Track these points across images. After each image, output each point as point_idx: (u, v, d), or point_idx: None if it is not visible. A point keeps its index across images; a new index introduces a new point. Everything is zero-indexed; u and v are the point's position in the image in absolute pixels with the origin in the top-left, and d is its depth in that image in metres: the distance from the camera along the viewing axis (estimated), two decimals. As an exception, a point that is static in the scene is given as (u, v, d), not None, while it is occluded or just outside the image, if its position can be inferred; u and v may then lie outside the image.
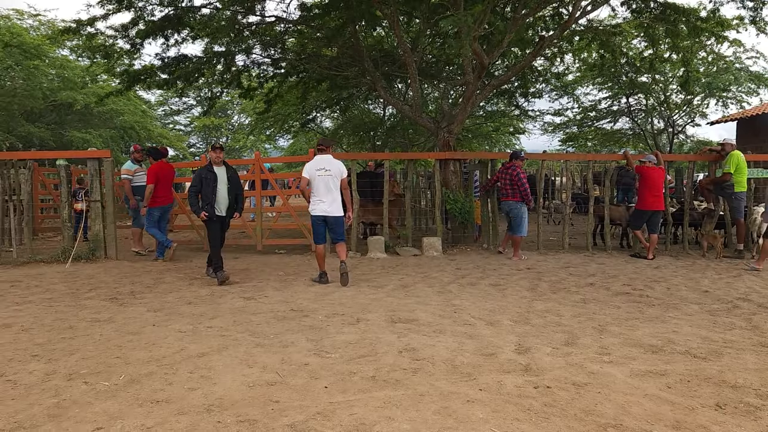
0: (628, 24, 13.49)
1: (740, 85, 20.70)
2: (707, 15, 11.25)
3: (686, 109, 23.37)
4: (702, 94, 21.21)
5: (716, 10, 11.03)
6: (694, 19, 11.18)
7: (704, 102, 22.49)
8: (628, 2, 11.32)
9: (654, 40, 12.31)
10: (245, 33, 12.28)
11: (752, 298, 6.72)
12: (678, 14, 11.02)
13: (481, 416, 3.37)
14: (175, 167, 15.73)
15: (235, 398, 3.63)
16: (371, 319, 5.66)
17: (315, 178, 7.49)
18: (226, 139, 42.03)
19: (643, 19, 11.78)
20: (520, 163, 10.17)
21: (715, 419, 3.35)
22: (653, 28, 11.81)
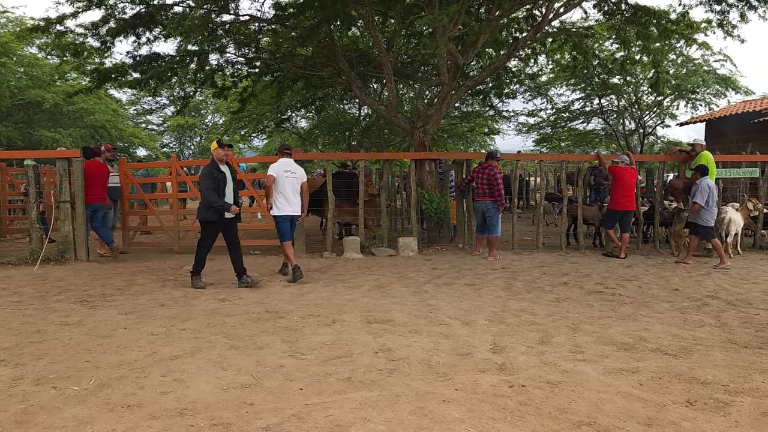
0: (600, 26, 13.69)
1: (708, 87, 21.13)
2: (677, 18, 11.46)
3: (657, 111, 23.79)
4: (672, 95, 21.61)
5: (686, 13, 11.25)
6: (664, 21, 11.38)
7: (674, 103, 22.92)
8: (600, 5, 11.48)
9: (625, 42, 12.50)
10: (219, 32, 12.15)
11: (721, 295, 6.86)
12: (649, 17, 11.20)
13: (456, 416, 3.38)
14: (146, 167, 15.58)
15: (208, 401, 3.58)
16: (347, 320, 5.64)
17: (282, 179, 7.87)
18: (200, 139, 41.58)
19: (614, 22, 11.95)
20: (497, 164, 10.22)
21: (685, 415, 3.41)
22: (624, 31, 11.99)
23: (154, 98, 32.38)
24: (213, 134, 38.60)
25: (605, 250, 10.58)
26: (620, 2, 11.29)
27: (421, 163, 11.24)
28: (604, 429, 3.23)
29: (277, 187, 7.86)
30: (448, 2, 10.09)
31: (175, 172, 10.78)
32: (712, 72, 20.74)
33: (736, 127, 18.20)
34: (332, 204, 10.63)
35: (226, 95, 14.79)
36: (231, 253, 7.51)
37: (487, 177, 9.95)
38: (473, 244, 10.68)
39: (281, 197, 7.88)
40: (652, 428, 3.24)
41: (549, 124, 26.02)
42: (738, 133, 18.00)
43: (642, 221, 11.28)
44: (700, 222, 9.27)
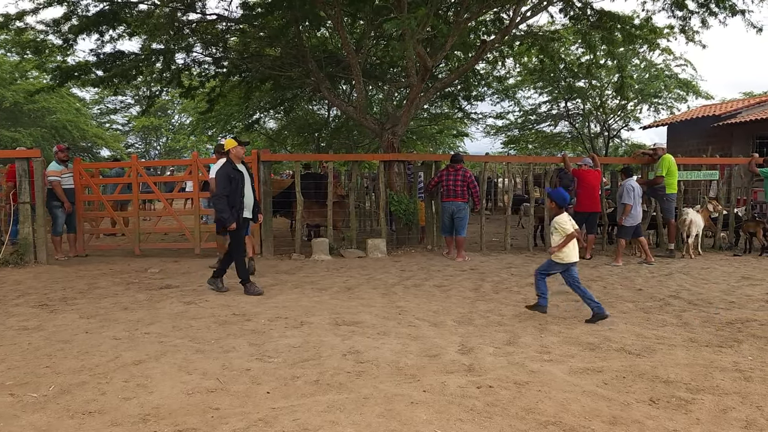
0: (566, 30, 13.90)
1: (670, 91, 21.66)
2: (641, 23, 11.70)
3: (621, 114, 24.27)
4: (635, 99, 22.08)
5: (649, 18, 11.49)
6: (628, 26, 11.61)
7: (637, 107, 23.42)
8: (566, 9, 11.65)
9: (591, 47, 12.71)
10: (185, 30, 11.97)
11: (682, 295, 7.01)
12: (613, 22, 11.41)
13: (424, 417, 3.38)
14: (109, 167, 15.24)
15: (172, 407, 3.52)
16: (315, 322, 5.60)
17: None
18: (166, 140, 40.93)
19: (580, 26, 12.14)
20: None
21: (648, 414, 3.47)
22: (590, 35, 12.19)
23: (117, 97, 31.78)
24: (179, 135, 38.05)
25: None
26: (585, 7, 11.47)
27: (389, 164, 11.25)
28: (570, 428, 3.26)
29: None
30: (416, 5, 10.12)
31: (136, 173, 10.52)
32: (674, 77, 21.26)
33: (697, 131, 18.68)
34: (301, 205, 10.56)
35: (193, 95, 14.56)
36: (227, 255, 7.23)
37: (462, 179, 10.05)
38: (443, 246, 10.72)
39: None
40: (616, 427, 3.29)
41: (517, 127, 26.36)
42: (698, 136, 18.49)
43: (607, 223, 11.47)
44: (625, 222, 9.56)
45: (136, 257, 10.14)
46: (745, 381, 4.02)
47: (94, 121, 33.67)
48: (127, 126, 39.23)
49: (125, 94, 30.71)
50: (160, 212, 12.77)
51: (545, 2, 11.25)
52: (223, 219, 6.79)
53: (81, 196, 10.35)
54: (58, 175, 9.77)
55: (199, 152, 35.65)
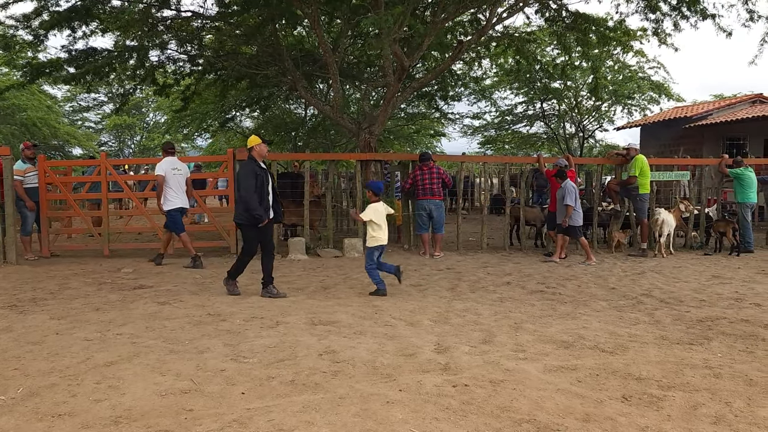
0: (541, 32, 14.03)
1: (643, 93, 22.02)
2: (614, 25, 11.86)
3: (595, 115, 24.60)
4: (609, 101, 22.40)
5: (622, 21, 11.65)
6: (602, 28, 11.76)
7: (611, 108, 23.76)
8: (541, 11, 11.76)
9: (566, 48, 12.85)
10: (159, 27, 11.81)
11: (654, 294, 7.12)
12: (588, 24, 11.55)
13: (400, 417, 3.38)
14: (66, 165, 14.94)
15: (145, 409, 3.46)
16: (291, 322, 5.57)
17: (171, 176, 8.71)
18: (141, 138, 40.37)
19: (555, 28, 12.26)
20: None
21: (621, 411, 3.51)
22: (565, 37, 12.32)
23: (90, 95, 31.26)
24: (154, 133, 37.57)
25: (547, 251, 10.83)
26: (561, 9, 11.59)
27: (366, 164, 11.24)
28: (544, 426, 3.29)
29: (168, 184, 8.66)
30: (393, 4, 10.13)
31: (105, 171, 10.30)
32: (647, 79, 21.59)
33: (669, 132, 19.00)
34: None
35: (167, 93, 14.37)
36: (263, 259, 6.90)
37: (437, 176, 10.21)
38: (419, 245, 10.75)
39: (172, 192, 8.70)
40: (589, 424, 3.33)
41: (493, 127, 26.55)
42: (670, 137, 18.81)
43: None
44: (571, 222, 9.77)
45: (110, 257, 9.98)
46: (714, 378, 4.09)
47: (66, 119, 33.08)
48: (100, 124, 38.60)
49: (98, 91, 30.23)
50: (131, 211, 12.51)
51: (521, 3, 11.35)
52: (258, 216, 6.57)
53: (45, 195, 10.10)
54: (21, 174, 9.54)
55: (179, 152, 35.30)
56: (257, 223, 6.65)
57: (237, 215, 6.95)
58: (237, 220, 6.99)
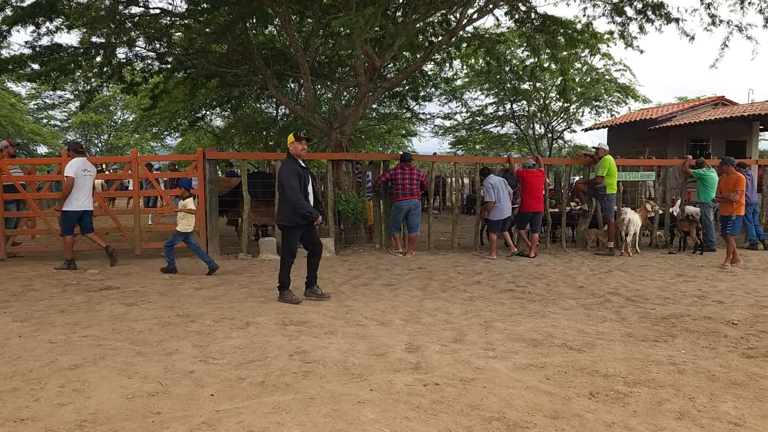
0: (511, 33, 14.17)
1: (610, 95, 22.40)
2: (582, 28, 12.03)
3: (564, 116, 24.94)
4: (577, 102, 22.73)
5: (590, 23, 11.84)
6: (570, 31, 11.92)
7: (579, 110, 24.12)
8: (511, 13, 11.86)
9: (535, 50, 12.98)
10: (127, 24, 11.60)
11: (621, 292, 7.25)
12: (556, 26, 11.70)
13: (371, 416, 3.38)
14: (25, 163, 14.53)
15: (111, 412, 3.40)
16: (261, 323, 5.53)
17: (80, 177, 8.62)
18: (108, 137, 39.59)
19: (525, 30, 12.39)
20: None
21: (588, 407, 3.57)
22: (534, 39, 12.46)
23: (56, 92, 30.54)
24: (122, 132, 36.91)
25: (517, 250, 10.95)
26: (530, 11, 11.71)
27: (338, 163, 11.22)
28: (514, 423, 3.33)
29: (77, 185, 8.54)
30: (364, 4, 10.12)
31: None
32: (614, 81, 21.98)
33: (635, 133, 19.36)
34: (248, 205, 10.41)
35: (136, 91, 14.12)
36: (310, 259, 6.75)
37: (417, 177, 10.43)
38: (391, 245, 10.78)
39: (78, 193, 8.58)
40: (557, 421, 3.37)
41: (464, 127, 26.72)
42: (636, 138, 19.17)
43: (550, 222, 11.75)
44: (491, 218, 10.23)
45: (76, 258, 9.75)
46: (678, 374, 4.19)
47: (30, 117, 32.26)
48: (66, 122, 37.73)
49: (64, 89, 29.56)
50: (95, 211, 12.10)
51: (491, 5, 11.44)
52: (309, 213, 6.35)
53: (1, 195, 9.79)
54: None
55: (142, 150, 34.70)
56: (309, 221, 6.40)
57: (282, 217, 6.57)
58: (281, 223, 6.60)
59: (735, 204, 9.16)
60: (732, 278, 8.28)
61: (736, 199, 9.08)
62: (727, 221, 9.37)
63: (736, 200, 9.09)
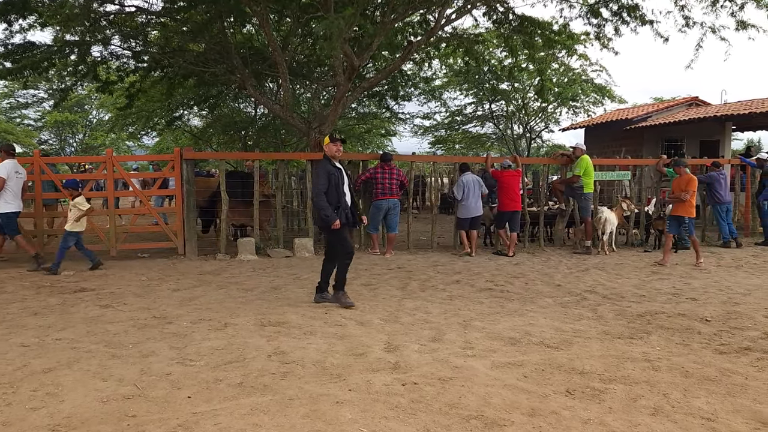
0: (489, 34, 14.24)
1: (587, 95, 22.63)
2: (559, 29, 12.15)
3: (542, 116, 25.16)
4: (555, 102, 22.92)
5: (566, 25, 11.95)
6: (547, 32, 12.03)
7: (557, 110, 24.33)
8: (489, 13, 11.93)
9: (513, 50, 13.08)
10: (102, 22, 11.43)
11: (598, 290, 7.34)
12: (534, 27, 11.79)
13: (349, 417, 3.38)
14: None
15: (85, 416, 3.35)
16: (239, 324, 5.49)
17: (13, 179, 8.60)
18: (83, 136, 38.98)
19: (503, 30, 12.47)
20: None
21: (565, 404, 3.61)
22: (512, 39, 12.54)
23: (29, 91, 30.01)
24: (97, 131, 36.37)
25: (495, 249, 11.02)
26: (507, 12, 11.79)
27: (317, 163, 11.17)
28: (492, 421, 3.35)
29: (8, 186, 8.52)
30: (343, 4, 10.10)
31: (39, 170, 9.83)
32: (590, 81, 22.22)
33: (611, 133, 19.59)
34: (226, 205, 10.34)
35: (111, 90, 13.92)
36: (341, 261, 6.51)
37: (396, 176, 10.49)
38: (370, 244, 10.78)
39: (11, 195, 8.57)
40: (535, 418, 3.40)
41: (444, 127, 26.83)
42: (613, 138, 19.38)
43: (528, 221, 11.84)
44: (458, 215, 10.50)
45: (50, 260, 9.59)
46: (653, 370, 4.25)
47: (2, 116, 31.66)
48: (41, 121, 37.06)
49: (37, 87, 29.05)
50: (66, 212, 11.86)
51: (469, 5, 11.50)
52: (327, 218, 6.17)
53: None
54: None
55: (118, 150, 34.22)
56: (327, 225, 6.26)
57: (315, 219, 6.42)
58: (317, 224, 6.44)
59: (686, 205, 9.13)
60: (705, 276, 8.42)
61: (686, 198, 9.06)
62: (681, 223, 9.37)
63: (687, 199, 9.08)
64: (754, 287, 7.50)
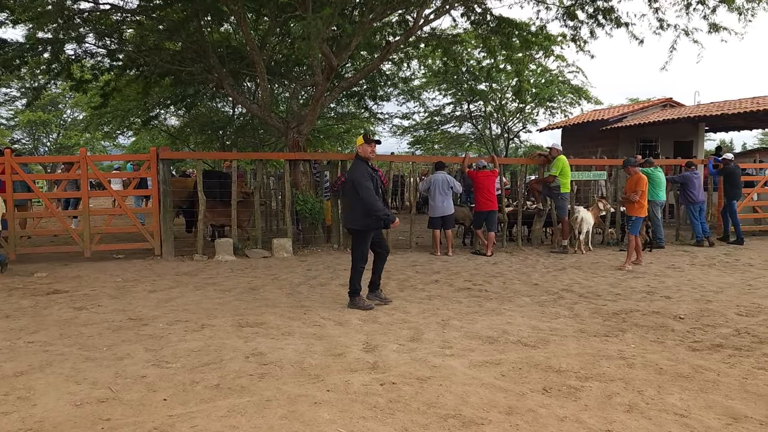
0: (467, 34, 14.31)
1: (564, 96, 22.86)
2: (536, 30, 12.25)
3: (519, 117, 25.34)
4: (532, 103, 23.12)
5: (543, 26, 12.06)
6: (525, 33, 12.12)
7: (534, 110, 24.53)
8: (467, 14, 12.00)
9: (491, 51, 13.16)
10: (76, 20, 11.25)
11: (574, 289, 7.41)
12: (511, 28, 11.88)
13: (327, 417, 3.37)
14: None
15: (57, 420, 3.30)
16: (217, 325, 5.44)
17: None
18: (57, 136, 38.33)
19: (481, 31, 12.54)
20: None
21: (542, 402, 3.64)
22: (490, 40, 12.62)
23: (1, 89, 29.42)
24: (71, 131, 35.79)
25: (474, 249, 11.08)
26: (485, 13, 11.87)
27: (295, 163, 11.14)
28: (469, 420, 3.36)
29: None
30: (321, 4, 10.07)
31: (10, 170, 9.62)
32: (567, 83, 22.45)
33: (588, 134, 19.81)
34: (203, 205, 10.25)
35: (85, 89, 13.70)
36: (377, 262, 6.55)
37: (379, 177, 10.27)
38: (349, 245, 10.76)
39: None
40: (512, 416, 3.43)
41: (422, 127, 26.89)
42: (589, 139, 19.60)
43: (506, 221, 11.92)
44: (429, 214, 10.70)
45: (22, 262, 9.42)
46: (628, 368, 4.30)
47: (-27, 115, 31.00)
48: (13, 120, 36.35)
49: (9, 86, 28.48)
50: (40, 213, 11.65)
51: (447, 6, 11.54)
52: (385, 216, 6.12)
53: None
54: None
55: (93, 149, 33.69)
56: (385, 225, 6.23)
57: (352, 220, 6.31)
58: (352, 227, 6.33)
59: (636, 205, 9.12)
60: (679, 274, 8.56)
61: (635, 199, 9.04)
62: (628, 221, 9.43)
63: (636, 200, 9.05)
64: (727, 285, 7.64)
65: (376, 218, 6.13)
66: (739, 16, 9.95)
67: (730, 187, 12.13)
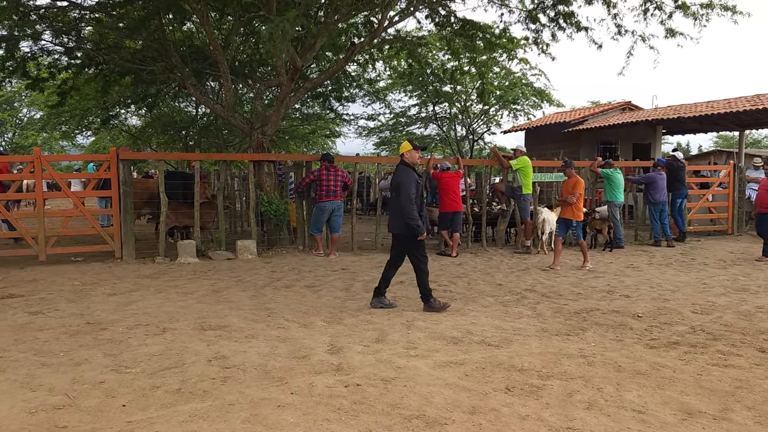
0: (432, 36, 14.42)
1: (527, 99, 23.20)
2: (500, 33, 12.40)
3: (484, 118, 25.63)
4: (496, 105, 23.41)
5: (506, 29, 12.20)
6: (488, 35, 12.26)
7: (498, 112, 24.84)
8: (431, 16, 12.07)
9: (455, 53, 13.27)
10: (32, 16, 10.94)
11: (537, 289, 7.52)
12: (475, 30, 12.01)
13: (291, 420, 3.35)
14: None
15: (11, 428, 3.20)
16: (179, 328, 5.36)
17: None
18: (13, 135, 37.24)
19: (445, 33, 12.64)
20: None
21: (504, 401, 3.68)
22: (454, 42, 12.72)
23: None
24: (28, 131, 34.78)
25: (439, 250, 11.14)
26: (450, 15, 11.96)
27: (260, 164, 11.04)
28: (433, 420, 3.38)
29: None
30: (285, 4, 10.01)
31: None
32: (530, 85, 22.78)
33: (550, 136, 20.14)
34: (165, 206, 10.07)
35: (42, 87, 13.32)
36: (389, 268, 6.50)
37: (341, 178, 10.51)
38: (314, 246, 10.72)
39: None
40: (475, 416, 3.46)
41: (388, 128, 26.96)
42: (552, 141, 19.92)
43: (471, 222, 12.02)
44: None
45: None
46: (588, 366, 4.39)
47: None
48: (-34, 119, 35.17)
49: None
50: None
51: (412, 8, 11.59)
52: (418, 228, 6.06)
53: None
54: None
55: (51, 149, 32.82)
56: (415, 234, 6.13)
57: (395, 225, 6.32)
58: (395, 231, 6.32)
59: (573, 208, 9.13)
60: (638, 273, 8.77)
61: (573, 202, 9.07)
62: (569, 226, 9.45)
63: (573, 202, 9.08)
64: (683, 284, 7.85)
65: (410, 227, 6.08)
66: (695, 21, 10.23)
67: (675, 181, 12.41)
